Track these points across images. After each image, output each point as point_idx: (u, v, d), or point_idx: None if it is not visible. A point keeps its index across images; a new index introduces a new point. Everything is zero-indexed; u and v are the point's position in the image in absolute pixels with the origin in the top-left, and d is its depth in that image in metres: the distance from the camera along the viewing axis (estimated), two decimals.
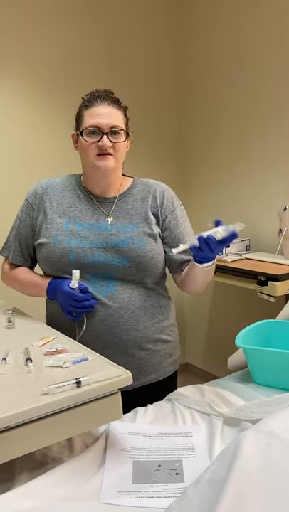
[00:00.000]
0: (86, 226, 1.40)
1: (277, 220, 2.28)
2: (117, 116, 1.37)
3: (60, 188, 1.46)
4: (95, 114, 1.36)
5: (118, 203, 1.44)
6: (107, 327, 1.37)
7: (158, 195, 1.46)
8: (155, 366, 1.44)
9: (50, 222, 1.41)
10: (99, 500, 0.92)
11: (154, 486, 0.96)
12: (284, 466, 0.81)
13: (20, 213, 1.49)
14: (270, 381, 1.37)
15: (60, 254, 1.37)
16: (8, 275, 1.53)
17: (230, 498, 0.73)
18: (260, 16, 2.39)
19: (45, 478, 0.97)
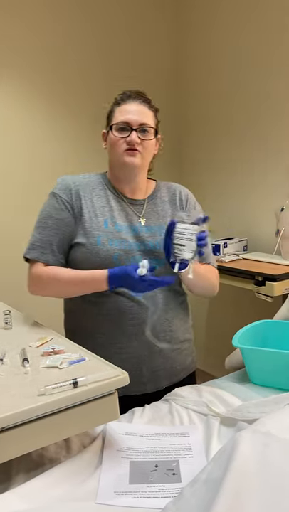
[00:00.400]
0: (123, 227, 1.39)
1: (274, 220, 2.29)
2: (147, 115, 1.39)
3: (91, 187, 1.43)
4: (126, 110, 1.37)
5: (148, 205, 1.45)
6: (142, 325, 1.36)
7: (183, 197, 1.50)
8: (182, 365, 1.47)
9: (89, 221, 1.37)
10: (96, 501, 0.92)
11: (150, 487, 0.96)
12: (281, 466, 0.81)
13: (50, 210, 1.39)
14: (267, 381, 1.37)
15: (104, 257, 1.34)
16: (42, 278, 1.37)
17: (226, 498, 0.73)
18: (260, 16, 2.39)
19: (42, 478, 0.97)
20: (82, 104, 2.62)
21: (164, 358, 1.41)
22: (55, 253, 1.38)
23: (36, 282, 1.39)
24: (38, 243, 1.38)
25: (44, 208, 1.41)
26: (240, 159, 2.62)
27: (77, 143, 2.65)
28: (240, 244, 2.49)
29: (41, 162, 2.56)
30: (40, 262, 1.38)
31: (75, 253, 1.38)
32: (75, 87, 2.60)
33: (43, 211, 1.41)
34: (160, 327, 1.39)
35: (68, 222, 1.38)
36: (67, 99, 2.60)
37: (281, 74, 2.32)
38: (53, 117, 2.58)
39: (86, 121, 2.63)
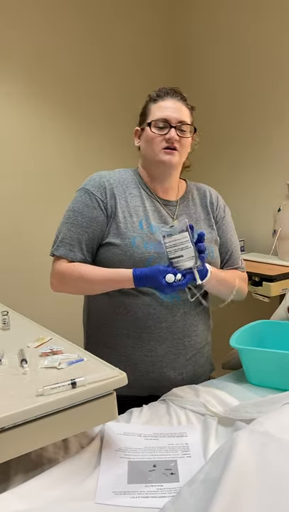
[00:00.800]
0: (158, 228, 1.35)
1: (271, 221, 2.30)
2: (184, 112, 1.38)
3: (124, 185, 1.40)
4: (164, 107, 1.36)
5: (180, 206, 1.44)
6: (172, 333, 1.36)
7: (214, 200, 1.51)
8: (204, 367, 1.48)
9: (124, 221, 1.35)
10: (94, 501, 0.92)
11: (149, 486, 0.97)
12: (279, 466, 0.81)
13: (82, 207, 1.35)
14: (265, 381, 1.37)
15: (139, 259, 1.31)
16: (66, 275, 1.34)
17: (224, 498, 0.74)
18: (261, 15, 2.40)
19: (40, 479, 0.97)
20: (83, 104, 2.63)
21: (188, 361, 1.42)
22: (84, 251, 1.35)
23: (60, 278, 1.35)
24: (66, 240, 1.35)
25: (74, 204, 1.37)
26: (238, 160, 2.63)
27: (76, 143, 2.65)
28: None
29: (41, 163, 2.56)
30: (64, 259, 1.35)
31: (106, 253, 1.35)
32: (75, 87, 2.60)
33: (73, 207, 1.37)
34: (186, 331, 1.38)
35: (100, 222, 1.35)
36: (66, 99, 2.60)
37: (279, 73, 2.33)
38: (51, 117, 2.58)
39: (85, 121, 2.63)
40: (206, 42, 2.69)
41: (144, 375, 1.38)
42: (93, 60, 2.66)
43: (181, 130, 1.36)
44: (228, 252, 1.51)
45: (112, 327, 1.39)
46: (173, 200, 1.44)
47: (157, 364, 1.37)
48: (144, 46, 2.81)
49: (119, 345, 1.38)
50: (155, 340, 1.36)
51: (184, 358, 1.41)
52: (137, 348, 1.36)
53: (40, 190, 2.45)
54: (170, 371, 1.39)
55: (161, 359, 1.37)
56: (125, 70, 2.73)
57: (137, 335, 1.36)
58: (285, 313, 1.61)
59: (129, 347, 1.37)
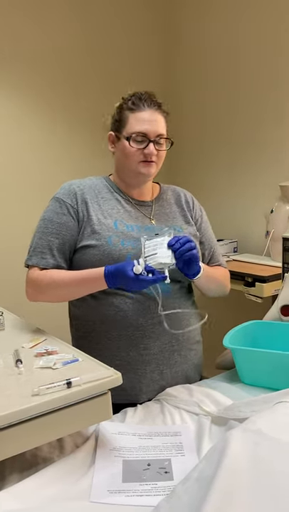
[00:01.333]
0: (134, 228, 1.38)
1: (264, 222, 2.31)
2: (162, 123, 1.39)
3: (96, 190, 1.42)
4: (142, 120, 1.35)
5: (155, 206, 1.46)
6: (164, 329, 1.35)
7: (188, 199, 1.54)
8: (197, 367, 1.50)
9: (98, 223, 1.36)
10: (89, 500, 0.93)
11: (143, 485, 0.98)
12: (271, 464, 0.82)
13: (51, 215, 1.37)
14: (258, 381, 1.39)
15: (117, 257, 1.32)
16: (39, 283, 1.34)
17: (218, 496, 0.75)
18: (257, 14, 2.41)
19: (35, 478, 0.98)
20: (78, 109, 2.63)
21: (183, 358, 1.43)
22: (56, 257, 1.35)
23: (33, 286, 1.35)
24: (38, 249, 1.36)
25: (45, 213, 1.39)
26: (231, 162, 2.64)
27: (72, 148, 2.65)
28: (230, 245, 2.51)
29: (38, 168, 2.56)
30: (37, 267, 1.35)
31: (84, 256, 1.35)
32: (70, 92, 2.61)
33: (44, 216, 1.39)
34: (179, 326, 1.38)
35: (70, 227, 1.36)
36: (59, 102, 2.60)
37: (277, 78, 2.35)
38: (48, 122, 2.58)
39: (80, 127, 2.64)
40: (200, 44, 2.71)
41: (142, 377, 1.37)
42: (93, 60, 2.67)
43: (159, 143, 1.37)
44: (211, 250, 1.55)
45: (102, 331, 1.38)
46: (148, 201, 1.47)
47: (153, 362, 1.37)
48: (139, 47, 2.82)
49: (112, 348, 1.37)
50: (149, 337, 1.36)
51: (178, 355, 1.41)
52: (131, 349, 1.36)
53: (40, 196, 2.44)
54: (166, 369, 1.39)
55: (157, 356, 1.38)
56: (117, 69, 2.74)
57: (130, 334, 1.36)
58: (278, 313, 1.63)
59: (122, 348, 1.36)
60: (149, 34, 2.87)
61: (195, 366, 1.48)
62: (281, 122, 2.34)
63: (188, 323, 1.42)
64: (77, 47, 2.62)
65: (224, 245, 2.47)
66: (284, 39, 2.26)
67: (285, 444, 0.84)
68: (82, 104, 2.64)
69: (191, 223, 1.50)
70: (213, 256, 1.56)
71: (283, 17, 2.25)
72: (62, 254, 1.37)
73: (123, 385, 1.30)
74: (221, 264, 1.59)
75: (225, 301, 2.62)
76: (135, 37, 2.81)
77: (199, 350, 1.51)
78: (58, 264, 1.36)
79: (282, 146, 2.36)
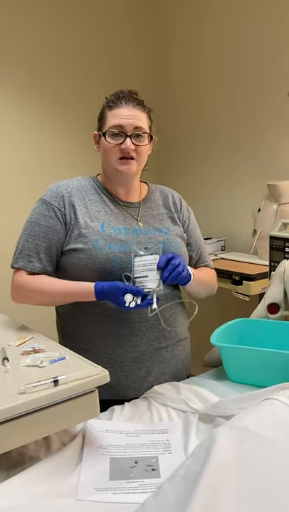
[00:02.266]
0: (122, 230, 1.37)
1: (251, 220, 2.33)
2: (141, 118, 1.36)
3: (84, 192, 1.40)
4: (119, 115, 1.34)
5: (143, 208, 1.45)
6: (152, 326, 1.37)
7: (176, 201, 1.53)
8: (185, 363, 1.50)
9: (85, 226, 1.34)
10: (76, 497, 0.93)
11: (130, 482, 0.98)
12: (256, 460, 0.83)
13: (38, 217, 1.36)
14: (244, 378, 1.39)
15: (104, 261, 1.31)
16: (25, 287, 1.33)
17: (204, 492, 0.75)
18: (241, 15, 2.42)
19: (22, 476, 0.98)
20: (73, 108, 2.62)
21: (170, 354, 1.43)
22: (42, 261, 1.34)
23: (19, 290, 1.35)
24: (25, 251, 1.35)
25: (32, 215, 1.38)
26: (218, 161, 2.65)
27: (67, 147, 2.64)
28: (218, 244, 2.52)
29: (30, 168, 2.54)
30: (24, 270, 1.34)
31: (70, 259, 1.34)
32: (63, 91, 2.59)
33: (31, 218, 1.37)
34: (165, 322, 1.39)
35: (57, 230, 1.34)
36: (51, 103, 2.59)
37: (262, 78, 2.36)
38: (41, 122, 2.56)
39: (76, 125, 2.62)
40: (188, 45, 2.71)
41: (130, 374, 1.37)
42: (93, 59, 2.66)
43: (138, 137, 1.35)
44: (198, 251, 1.56)
45: (89, 329, 1.37)
46: (135, 202, 1.45)
47: (141, 359, 1.37)
48: (131, 46, 2.82)
49: (99, 346, 1.36)
50: (135, 335, 1.36)
51: (165, 351, 1.42)
52: (117, 346, 1.36)
53: (32, 197, 2.43)
54: (154, 366, 1.39)
55: (144, 353, 1.37)
56: (115, 67, 2.73)
57: (116, 332, 1.35)
58: (265, 311, 1.64)
59: (109, 346, 1.36)
60: (146, 33, 2.86)
61: (183, 362, 1.49)
62: (269, 123, 2.35)
63: (176, 318, 1.43)
64: (76, 45, 2.61)
65: (212, 244, 2.48)
66: (280, 37, 2.28)
67: (270, 441, 0.85)
68: (80, 101, 2.62)
69: (179, 224, 1.50)
70: (200, 257, 1.56)
71: (283, 15, 2.26)
72: (49, 257, 1.35)
73: (110, 383, 1.30)
74: (208, 265, 1.59)
75: (212, 300, 2.63)
76: (130, 36, 2.81)
77: (187, 346, 1.51)
78: (45, 267, 1.35)
79: (270, 145, 2.37)
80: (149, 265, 1.25)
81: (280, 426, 0.91)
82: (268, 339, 1.51)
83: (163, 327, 1.39)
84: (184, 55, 2.75)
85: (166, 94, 2.87)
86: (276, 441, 0.86)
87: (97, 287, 1.27)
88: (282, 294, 1.62)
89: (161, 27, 2.87)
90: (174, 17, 2.78)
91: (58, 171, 2.55)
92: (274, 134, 2.34)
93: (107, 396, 1.31)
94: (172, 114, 2.85)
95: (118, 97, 1.37)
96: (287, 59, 2.22)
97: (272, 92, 2.30)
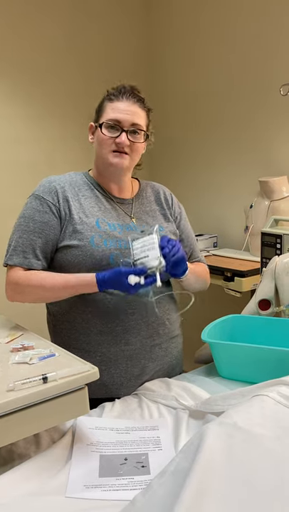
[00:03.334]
0: (116, 226, 1.35)
1: (243, 217, 2.33)
2: (139, 115, 1.35)
3: (76, 187, 1.38)
4: (118, 108, 1.33)
5: (136, 204, 1.44)
6: (145, 323, 1.36)
7: (168, 197, 1.53)
8: (178, 359, 1.50)
9: (80, 222, 1.32)
10: (65, 495, 0.93)
11: (120, 479, 0.98)
12: (245, 456, 0.83)
13: (33, 213, 1.32)
14: (235, 374, 1.40)
15: (100, 258, 1.29)
16: (22, 284, 1.29)
17: (192, 489, 0.75)
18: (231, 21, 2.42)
19: (11, 474, 0.97)
20: (64, 103, 2.60)
21: (164, 352, 1.43)
22: (39, 257, 1.31)
23: (16, 288, 1.31)
24: (19, 248, 1.31)
25: (25, 211, 1.34)
26: (211, 157, 2.65)
27: (59, 142, 2.62)
28: (210, 240, 2.53)
29: (22, 163, 2.52)
30: (19, 267, 1.31)
31: (66, 256, 1.32)
32: (55, 86, 2.57)
33: (24, 214, 1.33)
34: (159, 319, 1.39)
35: (53, 226, 1.32)
36: (47, 97, 2.57)
37: (256, 76, 2.36)
38: (33, 116, 2.54)
39: (68, 120, 2.60)
40: (183, 40, 2.70)
41: (124, 371, 1.36)
42: (74, 61, 2.64)
43: (134, 133, 1.34)
44: (191, 247, 1.56)
45: (82, 327, 1.35)
46: (128, 198, 1.44)
47: (135, 357, 1.37)
48: (125, 42, 2.80)
49: (93, 344, 1.35)
50: (130, 332, 1.35)
51: (159, 348, 1.41)
52: (112, 344, 1.35)
53: (24, 192, 2.42)
54: (148, 363, 1.39)
55: (138, 351, 1.37)
56: (103, 70, 2.72)
57: (110, 330, 1.34)
58: (256, 307, 1.64)
59: (103, 344, 1.35)
60: (142, 27, 2.85)
61: (176, 359, 1.49)
62: (262, 120, 2.35)
63: (169, 315, 1.43)
64: (72, 39, 2.60)
65: (204, 240, 2.48)
66: (275, 33, 2.27)
67: (258, 436, 0.85)
68: (78, 96, 2.60)
69: (171, 221, 1.50)
70: (192, 252, 1.57)
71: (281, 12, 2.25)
72: (45, 254, 1.33)
73: (104, 381, 1.30)
74: (200, 260, 1.60)
75: (204, 296, 2.64)
76: (126, 30, 2.79)
77: (179, 343, 1.51)
78: (42, 264, 1.32)
79: (262, 142, 2.37)
80: (148, 245, 1.24)
81: (270, 422, 0.91)
82: (259, 335, 1.51)
83: (157, 324, 1.38)
84: (179, 51, 2.74)
85: (160, 90, 2.86)
86: (265, 437, 0.86)
87: (99, 277, 1.25)
88: (273, 291, 1.62)
89: (156, 20, 2.85)
90: (169, 10, 2.77)
91: (54, 165, 2.54)
92: (266, 131, 2.34)
93: (100, 395, 1.31)
94: (165, 110, 2.84)
95: (120, 91, 1.35)
96: (281, 56, 2.21)
97: (265, 89, 2.30)
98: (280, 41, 2.20)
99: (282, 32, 2.19)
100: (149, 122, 1.41)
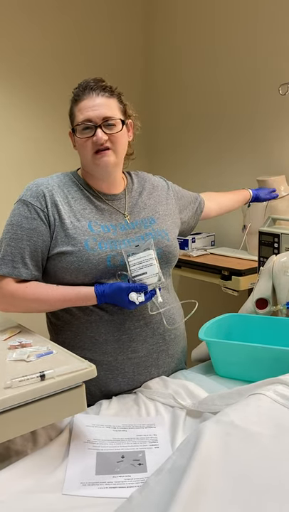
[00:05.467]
0: (110, 227, 1.32)
1: (241, 216, 2.33)
2: (108, 106, 1.28)
3: (66, 189, 1.33)
4: (84, 107, 1.28)
5: (127, 198, 1.40)
6: (152, 330, 1.35)
7: (156, 184, 1.51)
8: (181, 361, 1.49)
9: (72, 227, 1.27)
10: (62, 492, 0.93)
11: (117, 477, 0.98)
12: (241, 454, 0.83)
13: (21, 220, 1.27)
14: (232, 373, 1.40)
15: (97, 262, 1.26)
16: (17, 297, 1.26)
17: (189, 486, 0.75)
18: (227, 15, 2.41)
19: (8, 471, 0.97)
20: (49, 103, 2.59)
21: (171, 358, 1.42)
22: (28, 266, 1.27)
23: (9, 300, 1.27)
24: (8, 257, 1.26)
25: (12, 218, 1.29)
26: (209, 156, 2.65)
27: (45, 143, 2.61)
28: (208, 239, 2.53)
29: (7, 165, 2.50)
30: (10, 278, 1.27)
31: (61, 263, 1.27)
32: (39, 86, 2.56)
33: (11, 221, 1.29)
34: (165, 325, 1.38)
35: (41, 232, 1.27)
36: (31, 98, 2.55)
37: (249, 74, 2.36)
38: (17, 117, 2.53)
39: (53, 120, 2.59)
40: (181, 36, 2.70)
41: (131, 379, 1.35)
42: (64, 61, 2.63)
43: (109, 126, 1.28)
44: (193, 204, 1.64)
45: (87, 337, 1.32)
46: (119, 193, 1.39)
47: (142, 364, 1.35)
48: (121, 37, 2.80)
49: (99, 353, 1.32)
50: (136, 340, 1.33)
51: (166, 355, 1.40)
52: (118, 353, 1.32)
53: (10, 197, 2.40)
54: (154, 370, 1.38)
55: (145, 359, 1.35)
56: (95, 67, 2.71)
57: (117, 338, 1.31)
58: (253, 306, 1.65)
59: (110, 353, 1.32)
60: (140, 22, 2.85)
61: (180, 362, 1.49)
62: (260, 119, 2.35)
63: (174, 321, 1.42)
64: (68, 38, 2.58)
65: (202, 239, 2.48)
66: (271, 30, 2.27)
67: (254, 434, 0.85)
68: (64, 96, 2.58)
69: (161, 212, 1.44)
70: (199, 205, 1.65)
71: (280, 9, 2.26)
72: (35, 262, 1.28)
73: (110, 389, 1.30)
74: (199, 197, 1.69)
75: (201, 294, 2.64)
76: (124, 26, 2.79)
77: (184, 346, 1.51)
78: (32, 273, 1.28)
79: (260, 141, 2.37)
80: (145, 261, 1.23)
81: (266, 421, 0.91)
82: (256, 334, 1.51)
83: (163, 330, 1.37)
84: (177, 49, 2.74)
85: (159, 89, 2.86)
86: (262, 436, 0.86)
87: (98, 291, 1.23)
88: (270, 290, 1.63)
89: (156, 14, 2.85)
90: (168, 4, 2.76)
91: (49, 164, 2.52)
92: (265, 131, 2.34)
93: (103, 397, 1.31)
94: (163, 108, 2.84)
95: (82, 89, 1.30)
96: (280, 55, 2.21)
97: (264, 89, 2.30)
98: (279, 40, 2.20)
99: (281, 31, 2.19)
100: (125, 106, 1.35)
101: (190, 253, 2.34)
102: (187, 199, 1.60)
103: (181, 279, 2.79)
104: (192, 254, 2.34)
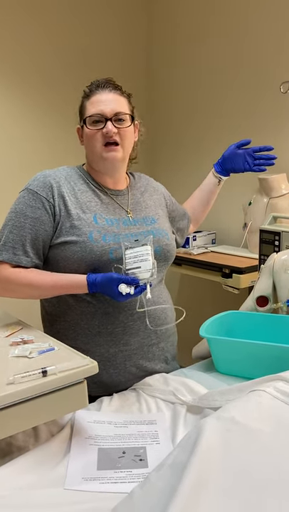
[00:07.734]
0: (114, 221, 1.35)
1: (242, 214, 2.34)
2: (120, 102, 1.34)
3: (72, 181, 1.35)
4: (97, 101, 1.32)
5: (130, 196, 1.44)
6: (144, 324, 1.35)
7: (156, 188, 1.56)
8: (173, 356, 1.51)
9: (77, 218, 1.30)
10: (64, 487, 0.94)
11: (118, 472, 0.99)
12: (242, 450, 0.84)
13: (25, 208, 1.29)
14: (233, 370, 1.41)
15: (100, 253, 1.28)
16: (12, 282, 1.28)
17: (190, 480, 0.76)
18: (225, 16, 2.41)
19: (10, 466, 0.98)
20: (54, 101, 2.59)
21: (161, 351, 1.44)
22: (29, 254, 1.29)
23: (4, 284, 1.29)
24: (9, 243, 1.28)
25: (17, 205, 1.31)
26: (209, 154, 2.65)
27: (49, 141, 2.61)
28: (208, 237, 2.53)
29: (12, 159, 2.51)
30: (9, 264, 1.28)
31: (64, 252, 1.30)
32: (45, 83, 2.56)
33: (16, 208, 1.31)
34: (157, 320, 1.39)
35: (44, 221, 1.29)
36: (37, 95, 2.56)
37: (250, 71, 2.36)
38: (25, 115, 2.53)
39: (60, 118, 2.59)
40: (185, 36, 2.70)
41: (122, 371, 1.36)
42: (68, 60, 2.63)
43: (119, 121, 1.32)
44: (182, 215, 1.65)
45: (81, 328, 1.35)
46: (123, 189, 1.43)
47: (133, 357, 1.37)
48: (125, 35, 2.79)
49: (92, 344, 1.34)
50: (129, 333, 1.35)
51: (156, 348, 1.42)
52: (111, 345, 1.35)
53: (15, 187, 2.41)
54: (146, 362, 1.40)
55: (137, 351, 1.37)
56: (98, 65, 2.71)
57: (110, 331, 1.34)
58: (253, 304, 1.65)
59: (103, 345, 1.34)
60: (143, 23, 2.84)
61: (171, 356, 1.50)
62: (260, 118, 2.35)
63: (166, 318, 1.43)
64: (70, 36, 2.58)
65: (203, 237, 2.49)
66: (275, 31, 2.27)
67: (255, 431, 0.86)
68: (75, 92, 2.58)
69: (162, 213, 1.50)
70: (184, 214, 1.66)
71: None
72: (35, 250, 1.30)
73: (102, 379, 1.31)
74: (186, 213, 1.69)
75: (202, 292, 2.65)
76: (126, 26, 2.78)
77: (175, 340, 1.53)
78: (32, 260, 1.30)
79: (261, 139, 2.37)
80: (141, 256, 1.25)
81: (267, 417, 0.92)
82: (257, 332, 1.52)
83: (155, 325, 1.38)
84: (179, 48, 2.74)
85: (159, 89, 2.86)
86: (262, 432, 0.87)
87: (90, 279, 1.25)
88: (271, 287, 1.63)
89: (158, 11, 2.85)
90: (172, 5, 2.76)
91: (49, 161, 2.53)
92: (266, 129, 2.34)
93: (99, 392, 1.32)
94: (164, 107, 2.84)
95: (95, 86, 1.36)
96: (281, 53, 2.22)
97: (265, 87, 2.30)
98: (280, 38, 2.20)
99: (282, 29, 2.19)
100: (133, 108, 1.40)
101: (191, 251, 2.35)
102: (179, 212, 1.64)
103: (182, 276, 2.80)
104: (193, 252, 2.34)
